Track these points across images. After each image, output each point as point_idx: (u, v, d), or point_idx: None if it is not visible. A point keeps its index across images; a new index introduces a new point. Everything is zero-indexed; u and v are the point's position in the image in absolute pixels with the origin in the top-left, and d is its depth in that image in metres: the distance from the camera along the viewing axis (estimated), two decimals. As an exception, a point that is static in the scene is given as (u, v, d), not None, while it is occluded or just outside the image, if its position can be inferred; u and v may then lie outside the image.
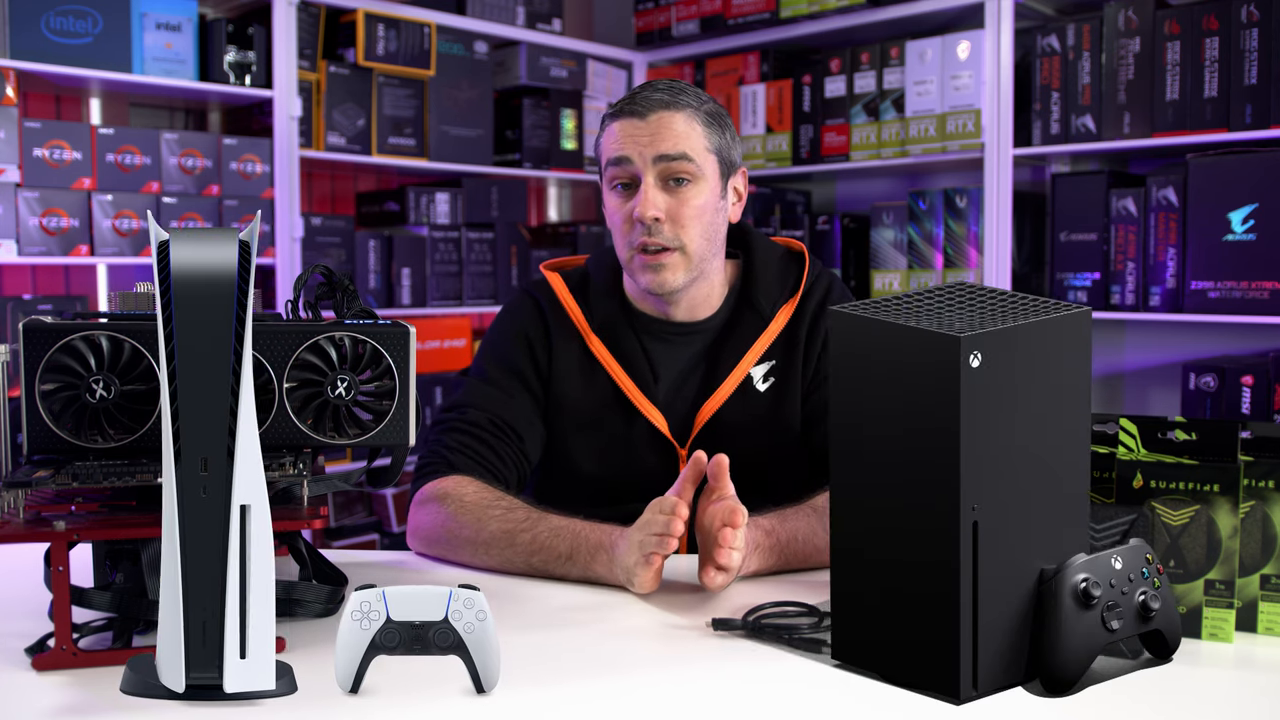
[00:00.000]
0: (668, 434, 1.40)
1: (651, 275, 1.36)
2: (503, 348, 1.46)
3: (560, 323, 1.45)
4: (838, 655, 0.94)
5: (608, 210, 1.40)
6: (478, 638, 0.87)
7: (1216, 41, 2.34)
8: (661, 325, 1.44)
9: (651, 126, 1.34)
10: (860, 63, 2.91)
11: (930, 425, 0.85)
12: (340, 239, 2.77)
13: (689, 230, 1.35)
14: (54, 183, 2.28)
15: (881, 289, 2.92)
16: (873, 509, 0.90)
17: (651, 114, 1.34)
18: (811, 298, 1.45)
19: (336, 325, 1.01)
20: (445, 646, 0.87)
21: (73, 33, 2.28)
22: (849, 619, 0.93)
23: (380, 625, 0.86)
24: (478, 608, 0.87)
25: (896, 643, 0.90)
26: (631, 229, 1.35)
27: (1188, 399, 2.37)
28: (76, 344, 0.95)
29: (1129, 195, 2.48)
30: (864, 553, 0.91)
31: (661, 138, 1.33)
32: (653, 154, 1.33)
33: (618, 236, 1.39)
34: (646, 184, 1.33)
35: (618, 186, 1.37)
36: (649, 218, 1.32)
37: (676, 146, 1.33)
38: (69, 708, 0.86)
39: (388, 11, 2.78)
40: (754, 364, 1.42)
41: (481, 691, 0.88)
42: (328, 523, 2.90)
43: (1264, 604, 1.00)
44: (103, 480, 0.93)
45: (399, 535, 2.96)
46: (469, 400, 1.41)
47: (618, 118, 1.37)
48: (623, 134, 1.35)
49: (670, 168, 1.33)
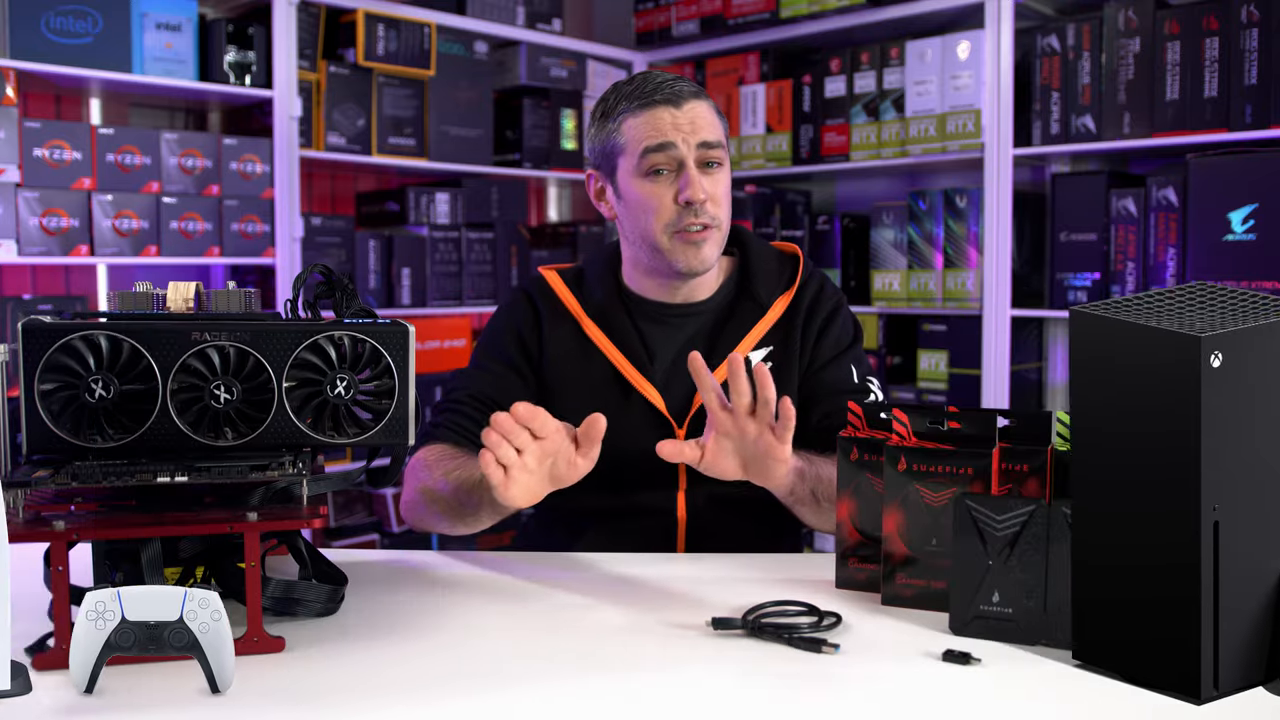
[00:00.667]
0: (665, 411, 1.43)
1: (694, 251, 1.41)
2: (492, 340, 1.53)
3: (553, 309, 1.51)
4: (1079, 656, 0.94)
5: (637, 196, 1.42)
6: (212, 638, 0.87)
7: (1216, 41, 2.34)
8: (657, 308, 1.49)
9: (689, 114, 1.40)
10: (860, 63, 2.91)
11: (1171, 426, 0.85)
12: (340, 239, 2.77)
13: (723, 209, 1.43)
14: (54, 183, 2.28)
15: (881, 289, 2.92)
16: (1114, 510, 0.90)
17: (685, 103, 1.41)
18: (806, 291, 1.51)
19: (336, 325, 1.01)
20: (180, 646, 0.87)
21: (73, 33, 2.28)
22: (1090, 619, 0.93)
23: (115, 625, 0.87)
24: (212, 608, 0.87)
25: (1137, 643, 0.90)
26: (675, 211, 1.40)
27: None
28: (76, 344, 0.95)
29: (1129, 195, 2.48)
30: (1105, 554, 0.91)
31: (699, 125, 1.40)
32: (696, 140, 1.40)
33: (653, 220, 1.41)
34: (691, 169, 1.39)
35: (656, 172, 1.41)
36: (701, 199, 1.38)
37: (713, 133, 1.41)
38: (69, 708, 0.86)
39: (388, 11, 2.78)
40: (752, 348, 1.47)
41: (216, 691, 0.88)
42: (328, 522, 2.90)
43: None
44: (102, 480, 0.93)
45: (399, 535, 2.96)
46: (455, 385, 1.51)
47: (650, 107, 1.41)
48: (662, 122, 1.40)
49: (708, 154, 1.41)
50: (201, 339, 0.97)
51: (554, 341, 1.49)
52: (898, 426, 1.11)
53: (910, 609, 1.09)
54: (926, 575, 1.08)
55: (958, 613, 1.01)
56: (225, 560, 1.05)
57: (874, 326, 2.96)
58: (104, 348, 0.96)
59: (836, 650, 0.97)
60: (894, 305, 2.91)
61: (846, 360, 1.48)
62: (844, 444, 1.15)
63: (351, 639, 1.02)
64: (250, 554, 0.95)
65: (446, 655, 0.98)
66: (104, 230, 2.34)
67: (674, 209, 1.40)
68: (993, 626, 0.99)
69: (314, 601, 1.07)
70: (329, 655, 0.97)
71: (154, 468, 0.95)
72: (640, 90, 1.41)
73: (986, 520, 0.99)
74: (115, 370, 0.96)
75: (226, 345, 0.98)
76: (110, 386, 0.95)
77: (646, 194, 1.41)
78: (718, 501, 1.43)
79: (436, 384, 2.96)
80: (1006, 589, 0.99)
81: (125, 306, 1.03)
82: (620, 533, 1.43)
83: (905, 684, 0.91)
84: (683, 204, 1.39)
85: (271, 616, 1.05)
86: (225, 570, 1.04)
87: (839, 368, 1.48)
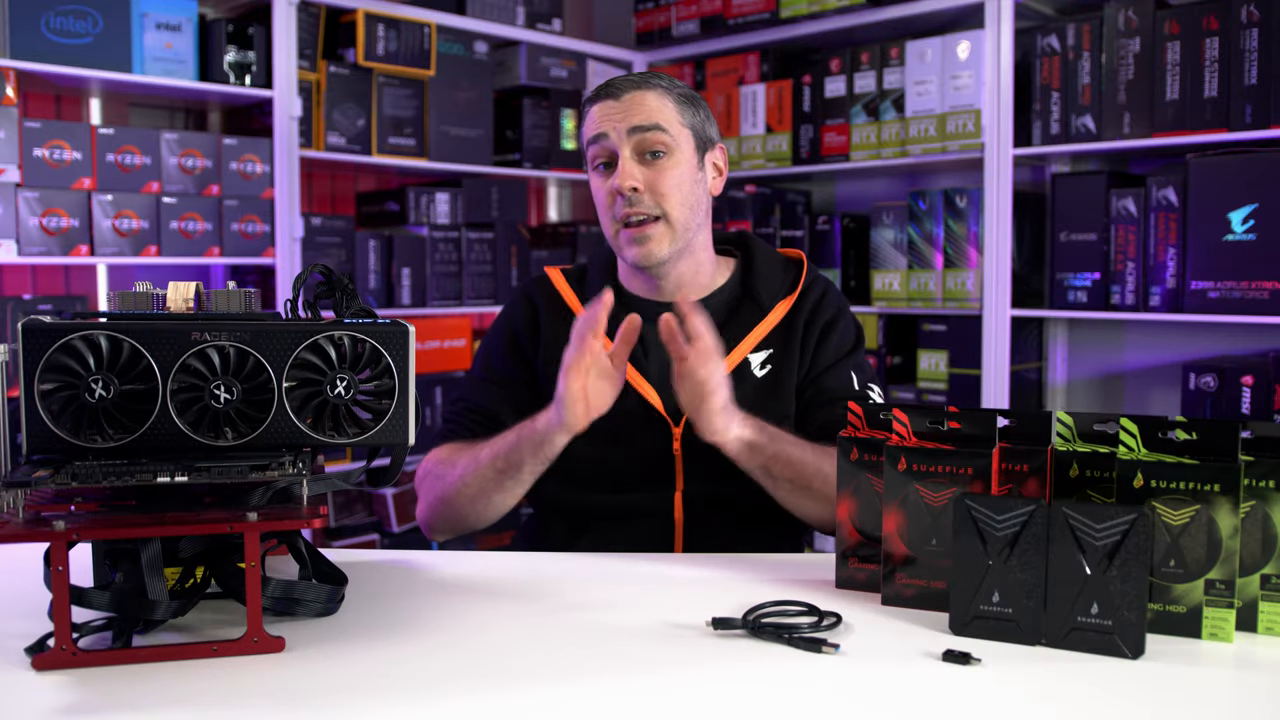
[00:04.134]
0: (661, 410, 1.42)
1: (637, 248, 1.41)
2: (490, 342, 1.56)
3: (552, 307, 1.52)
4: None
5: (593, 193, 1.45)
6: None
7: (1216, 41, 2.34)
8: (651, 306, 1.48)
9: (624, 104, 1.40)
10: (860, 63, 2.91)
11: None
12: (340, 239, 2.77)
13: (669, 199, 1.40)
14: (54, 183, 2.28)
15: (881, 289, 2.92)
16: None
17: (625, 94, 1.41)
18: (809, 296, 1.50)
19: (336, 324, 1.01)
20: None
21: (73, 33, 2.28)
22: None
23: None
24: None
25: None
26: (613, 204, 1.40)
27: (1188, 399, 2.37)
28: (76, 344, 0.95)
29: (1129, 195, 2.48)
30: None
31: (633, 112, 1.40)
32: (626, 127, 1.39)
33: (603, 215, 1.44)
34: (623, 157, 1.39)
35: (599, 167, 1.42)
36: (627, 188, 1.38)
37: (649, 118, 1.39)
38: (69, 708, 0.86)
39: (388, 11, 2.78)
40: (752, 350, 1.46)
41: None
42: (328, 522, 2.90)
43: (1264, 604, 1.00)
44: (102, 480, 0.93)
45: (399, 535, 2.96)
46: (459, 395, 1.54)
47: (595, 101, 1.43)
48: (599, 114, 1.42)
49: (645, 139, 1.39)
50: (201, 339, 0.97)
51: (552, 339, 1.49)
52: (898, 426, 1.11)
53: (910, 609, 1.09)
54: (926, 575, 1.08)
55: (958, 613, 1.01)
56: (225, 560, 1.05)
57: (874, 327, 2.96)
58: (104, 348, 0.96)
59: (836, 650, 0.97)
60: (894, 305, 2.91)
61: (847, 366, 1.48)
62: (844, 444, 1.14)
63: (351, 639, 1.02)
64: (250, 554, 0.95)
65: (446, 655, 0.98)
66: (104, 230, 2.34)
67: (610, 201, 1.41)
68: (993, 626, 0.99)
69: (314, 601, 1.07)
70: (329, 655, 0.97)
71: (154, 468, 0.95)
72: (597, 88, 1.45)
73: (986, 520, 0.99)
74: (115, 370, 0.96)
75: (226, 345, 0.98)
76: (110, 386, 0.95)
77: (595, 188, 1.44)
78: (715, 503, 1.43)
79: (437, 384, 2.96)
80: (1006, 589, 0.99)
81: (125, 306, 1.03)
82: (618, 533, 1.43)
83: (905, 684, 0.91)
84: (614, 194, 1.39)
85: (271, 616, 1.05)
86: (225, 570, 1.04)
87: (839, 373, 1.47)
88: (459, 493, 1.38)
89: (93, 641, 0.99)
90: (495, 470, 1.34)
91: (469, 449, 1.41)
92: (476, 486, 1.36)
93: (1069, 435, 1.08)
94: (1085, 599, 0.96)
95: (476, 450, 1.38)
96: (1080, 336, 2.84)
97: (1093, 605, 0.95)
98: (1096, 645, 0.96)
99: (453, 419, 1.51)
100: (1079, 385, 2.86)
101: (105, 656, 0.94)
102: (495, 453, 1.34)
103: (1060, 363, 2.85)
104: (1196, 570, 0.98)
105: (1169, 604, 1.00)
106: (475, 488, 1.36)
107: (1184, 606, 0.99)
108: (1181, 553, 0.99)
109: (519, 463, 1.32)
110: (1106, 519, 0.95)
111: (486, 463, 1.35)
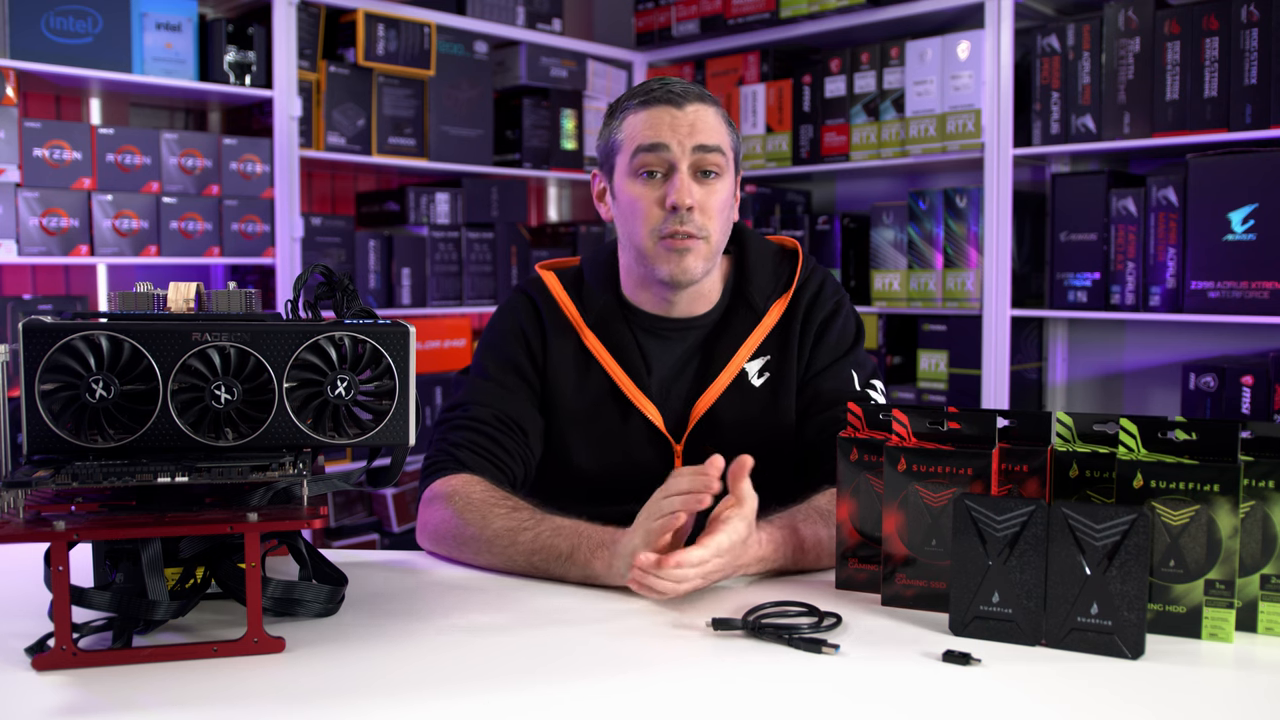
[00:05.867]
0: (662, 428, 1.41)
1: (677, 259, 1.36)
2: (501, 345, 1.47)
3: (555, 318, 1.46)
4: None
5: (627, 197, 1.38)
6: None
7: (1216, 41, 2.34)
8: (656, 321, 1.45)
9: (689, 116, 1.35)
10: (860, 63, 2.91)
11: None
12: (340, 239, 2.77)
13: (715, 221, 1.37)
14: (54, 183, 2.28)
15: (881, 289, 2.92)
16: None
17: (689, 104, 1.36)
18: (805, 293, 1.46)
19: (336, 325, 1.01)
20: None
21: (73, 33, 2.28)
22: None
23: None
24: None
25: None
26: (661, 216, 1.35)
27: (1188, 399, 2.37)
28: (76, 344, 0.95)
29: (1129, 195, 2.48)
30: None
31: (699, 129, 1.35)
32: (692, 143, 1.34)
33: (638, 223, 1.37)
34: (681, 172, 1.34)
35: (646, 173, 1.36)
36: (686, 204, 1.33)
37: (713, 138, 1.36)
38: (69, 708, 0.86)
39: (388, 11, 2.78)
40: (748, 359, 1.43)
41: None
42: (328, 523, 2.90)
43: (1264, 604, 1.00)
44: (103, 480, 0.93)
45: (399, 535, 2.96)
46: (472, 398, 1.42)
47: (649, 105, 1.36)
48: (659, 121, 1.35)
49: (706, 159, 1.35)
50: (202, 339, 0.97)
51: (556, 350, 1.45)
52: (897, 427, 1.11)
53: (910, 609, 1.09)
54: (926, 575, 1.08)
55: (958, 613, 1.01)
56: (225, 560, 1.05)
57: (874, 326, 2.96)
58: (104, 348, 0.96)
59: (836, 650, 0.97)
60: (894, 305, 2.91)
61: (846, 365, 1.44)
62: (844, 444, 1.15)
63: (351, 639, 1.02)
64: (250, 554, 0.95)
65: (446, 655, 0.98)
66: (104, 230, 2.34)
67: (660, 213, 1.35)
68: (993, 626, 0.99)
69: (314, 602, 1.07)
70: (329, 655, 0.97)
71: (154, 468, 0.95)
72: (646, 88, 1.38)
73: (986, 520, 0.99)
74: (116, 370, 0.96)
75: (227, 346, 0.98)
76: (111, 387, 0.95)
77: (635, 195, 1.37)
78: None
79: (437, 384, 2.96)
80: (1006, 589, 0.99)
81: (126, 307, 1.03)
82: None
83: (905, 684, 0.91)
84: (669, 208, 1.34)
85: (271, 617, 1.05)
86: (225, 570, 1.04)
87: (838, 373, 1.43)
88: (477, 553, 1.26)
89: (93, 642, 0.99)
90: (529, 563, 1.22)
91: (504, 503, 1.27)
92: (502, 560, 1.24)
93: (1069, 435, 1.08)
94: (1085, 599, 0.96)
95: (515, 524, 1.24)
96: (1080, 336, 2.84)
97: (1092, 605, 0.95)
98: (1096, 645, 0.96)
99: (471, 426, 1.39)
100: (1079, 385, 2.86)
101: (105, 657, 0.94)
102: (537, 548, 1.21)
103: (1060, 363, 2.86)
104: (1196, 570, 0.98)
105: (1169, 604, 1.00)
106: (500, 560, 1.24)
107: (1184, 607, 0.99)
108: (1181, 553, 0.99)
109: (557, 575, 1.21)
110: (1106, 519, 0.95)
111: (524, 550, 1.22)
